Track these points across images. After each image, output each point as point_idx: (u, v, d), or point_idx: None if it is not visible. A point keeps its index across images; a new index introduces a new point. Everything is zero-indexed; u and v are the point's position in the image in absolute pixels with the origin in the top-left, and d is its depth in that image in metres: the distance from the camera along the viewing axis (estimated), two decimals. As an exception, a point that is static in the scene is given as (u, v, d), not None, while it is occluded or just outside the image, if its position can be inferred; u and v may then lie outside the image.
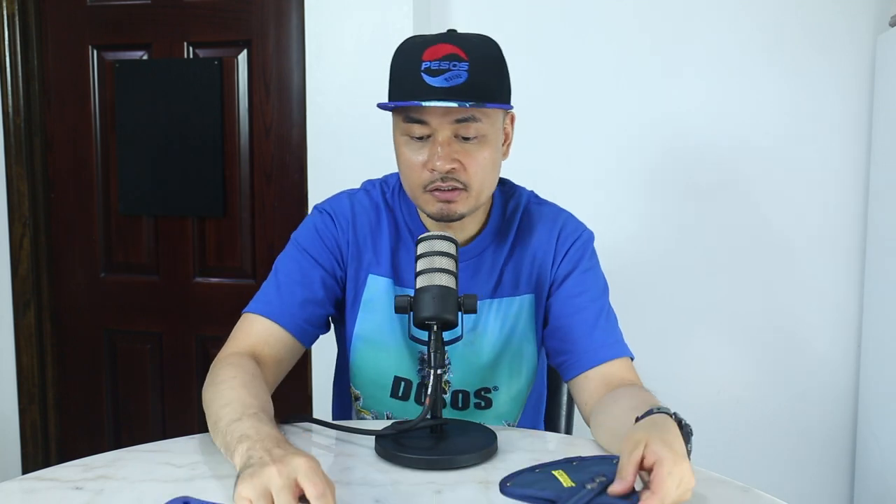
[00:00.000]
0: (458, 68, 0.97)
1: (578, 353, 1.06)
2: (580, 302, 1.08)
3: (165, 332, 2.17)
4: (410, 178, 1.04)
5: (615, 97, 1.95)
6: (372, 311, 1.10)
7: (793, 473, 1.95)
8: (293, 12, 2.00)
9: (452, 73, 0.97)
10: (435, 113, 0.99)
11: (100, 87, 2.15)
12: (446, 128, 0.99)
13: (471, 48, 0.99)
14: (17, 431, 2.21)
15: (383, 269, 1.10)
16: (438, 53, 0.98)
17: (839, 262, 1.90)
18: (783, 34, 1.88)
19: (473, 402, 1.10)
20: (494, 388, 1.11)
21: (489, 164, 1.03)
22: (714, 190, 1.93)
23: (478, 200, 1.04)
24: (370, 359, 1.11)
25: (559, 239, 1.12)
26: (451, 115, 0.99)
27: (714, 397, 1.97)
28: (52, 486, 0.85)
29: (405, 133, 1.02)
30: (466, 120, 0.99)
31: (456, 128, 1.00)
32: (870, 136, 1.86)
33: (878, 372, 1.78)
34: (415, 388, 1.10)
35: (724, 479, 0.87)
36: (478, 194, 1.03)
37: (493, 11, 1.98)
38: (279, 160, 2.06)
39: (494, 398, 1.11)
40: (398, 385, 1.10)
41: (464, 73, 0.97)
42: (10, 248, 2.17)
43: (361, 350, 1.11)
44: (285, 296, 1.06)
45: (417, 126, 1.00)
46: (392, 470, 0.88)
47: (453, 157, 1.00)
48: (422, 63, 0.98)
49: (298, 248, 1.11)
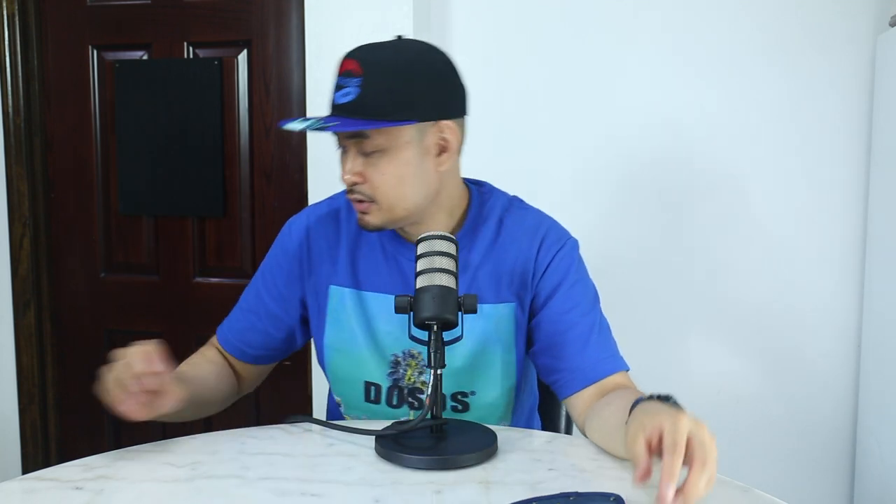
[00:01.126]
0: (351, 84, 0.98)
1: (572, 370, 1.05)
2: (571, 318, 1.06)
3: (165, 332, 2.17)
4: None
5: (615, 98, 1.95)
6: (337, 321, 1.11)
7: (793, 473, 1.95)
8: (293, 12, 2.00)
9: (345, 90, 0.98)
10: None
11: (100, 87, 2.15)
12: (347, 142, 1.01)
13: (372, 62, 0.98)
14: (17, 431, 2.21)
15: (342, 278, 1.11)
16: (342, 69, 1.00)
17: (839, 262, 1.90)
18: (783, 34, 1.88)
19: (450, 405, 1.10)
20: (472, 392, 1.10)
21: (393, 177, 1.01)
22: (714, 190, 1.93)
23: (391, 213, 1.03)
24: (342, 366, 1.12)
25: (541, 248, 1.09)
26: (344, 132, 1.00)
27: (714, 397, 1.97)
28: (52, 486, 0.85)
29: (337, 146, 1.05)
30: (357, 136, 0.99)
31: (356, 143, 1.00)
32: (870, 136, 1.86)
33: (878, 372, 1.78)
34: (385, 391, 1.11)
35: (724, 479, 0.87)
36: (390, 207, 1.02)
37: (493, 11, 1.98)
38: (279, 160, 2.06)
39: (472, 402, 1.10)
40: (369, 390, 1.11)
41: (354, 90, 0.97)
42: (10, 248, 2.17)
43: (334, 359, 1.12)
44: (233, 322, 1.19)
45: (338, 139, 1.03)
46: (392, 470, 0.88)
47: (355, 171, 1.01)
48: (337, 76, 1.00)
49: (260, 273, 1.18)
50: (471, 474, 0.87)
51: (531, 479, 0.86)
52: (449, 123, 1.03)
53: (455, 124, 1.04)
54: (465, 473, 0.87)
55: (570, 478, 0.87)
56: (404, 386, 1.10)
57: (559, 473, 0.88)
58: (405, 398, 1.10)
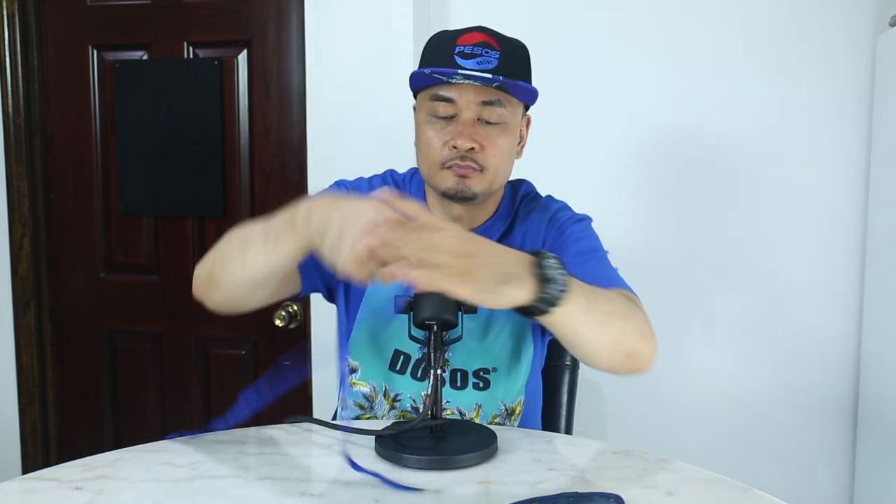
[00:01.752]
0: (490, 55, 1.02)
1: None
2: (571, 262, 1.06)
3: (165, 332, 2.17)
4: (430, 155, 1.07)
5: (615, 99, 1.95)
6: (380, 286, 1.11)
7: (793, 473, 1.95)
8: (293, 12, 2.00)
9: (484, 58, 1.02)
10: (464, 93, 1.03)
11: (100, 87, 2.15)
12: (472, 108, 1.03)
13: (503, 40, 1.06)
14: (17, 431, 2.21)
15: None
16: (472, 40, 1.03)
17: (839, 261, 1.90)
18: (782, 34, 1.88)
19: (472, 382, 1.11)
20: (493, 369, 1.11)
21: (506, 150, 1.07)
22: (714, 189, 1.93)
23: (492, 184, 1.07)
24: (373, 329, 1.12)
25: (551, 221, 1.14)
26: (479, 97, 1.03)
27: (715, 398, 1.97)
28: (52, 486, 0.85)
29: (430, 112, 1.06)
30: (492, 103, 1.03)
31: (480, 110, 1.03)
32: (870, 136, 1.86)
33: (879, 372, 1.78)
34: (412, 363, 1.11)
35: (724, 479, 0.87)
36: (492, 178, 1.06)
37: (493, 11, 1.98)
38: (279, 160, 2.06)
39: (493, 379, 1.11)
40: (397, 358, 1.11)
41: (495, 60, 1.02)
42: (10, 248, 2.17)
43: (366, 320, 1.12)
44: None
45: (443, 105, 1.04)
46: (392, 470, 0.88)
47: (475, 137, 1.03)
48: (456, 47, 1.03)
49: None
50: (471, 474, 0.87)
51: (531, 479, 0.86)
52: (528, 116, 1.14)
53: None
54: (465, 473, 0.87)
55: (570, 478, 0.87)
56: None
57: (559, 473, 0.88)
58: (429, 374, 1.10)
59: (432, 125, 1.05)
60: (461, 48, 1.02)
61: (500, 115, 1.04)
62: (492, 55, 1.02)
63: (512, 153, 1.09)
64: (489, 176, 1.05)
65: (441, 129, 1.05)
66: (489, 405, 1.11)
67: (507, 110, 1.05)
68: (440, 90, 1.04)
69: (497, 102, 1.04)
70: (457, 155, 1.03)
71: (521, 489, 0.82)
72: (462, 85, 1.02)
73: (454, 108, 1.04)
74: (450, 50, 1.03)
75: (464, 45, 1.02)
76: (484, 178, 1.05)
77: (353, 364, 1.15)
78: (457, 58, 1.02)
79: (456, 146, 1.03)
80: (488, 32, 1.06)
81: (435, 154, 1.05)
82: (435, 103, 1.05)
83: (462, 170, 1.04)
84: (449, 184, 1.06)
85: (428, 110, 1.06)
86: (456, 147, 1.03)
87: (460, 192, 1.05)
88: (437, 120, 1.05)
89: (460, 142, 1.02)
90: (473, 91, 1.02)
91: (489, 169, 1.05)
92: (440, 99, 1.04)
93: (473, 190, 1.05)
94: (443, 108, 1.04)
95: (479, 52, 1.02)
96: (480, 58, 1.02)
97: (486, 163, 1.04)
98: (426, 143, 1.06)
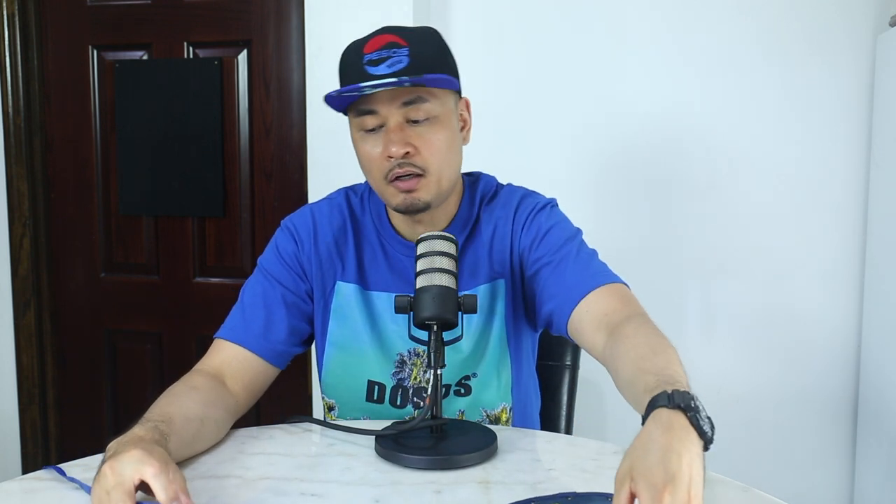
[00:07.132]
0: (399, 54, 0.99)
1: (557, 298, 1.03)
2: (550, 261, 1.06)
3: (165, 332, 2.17)
4: (372, 171, 1.05)
5: (614, 96, 1.95)
6: (342, 318, 1.11)
7: (793, 473, 1.95)
8: (293, 12, 2.00)
9: (393, 59, 0.99)
10: (382, 100, 1.00)
11: (100, 87, 2.15)
12: (395, 113, 1.01)
13: (409, 35, 1.02)
14: (17, 431, 2.21)
15: (350, 275, 1.11)
16: (378, 44, 1.00)
17: (839, 261, 1.90)
18: (782, 34, 1.88)
19: (453, 391, 1.10)
20: (473, 374, 1.10)
21: (445, 145, 1.03)
22: (714, 189, 1.93)
23: (439, 186, 1.04)
24: (344, 364, 1.11)
25: (516, 214, 1.11)
26: (398, 99, 1.00)
27: (714, 397, 1.97)
28: (52, 486, 0.85)
29: (360, 128, 1.04)
30: (414, 102, 1.00)
31: (405, 112, 1.01)
32: (870, 136, 1.86)
33: (879, 372, 1.78)
34: (388, 391, 1.10)
35: (724, 479, 0.87)
36: (438, 179, 1.03)
37: (493, 11, 1.98)
38: (279, 160, 2.06)
39: (474, 385, 1.10)
40: (372, 389, 1.11)
41: (405, 58, 0.99)
42: (10, 248, 2.17)
43: (335, 357, 1.12)
44: (249, 319, 1.09)
45: (369, 118, 1.02)
46: (392, 470, 0.88)
47: (406, 140, 1.01)
48: (364, 56, 1.00)
49: (262, 271, 1.14)
50: (471, 474, 0.87)
51: (531, 479, 0.86)
52: (465, 99, 1.10)
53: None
54: (465, 473, 0.87)
55: (570, 478, 0.87)
56: (409, 386, 1.10)
57: (559, 473, 0.88)
58: (409, 398, 1.10)
59: (366, 140, 1.04)
60: (368, 56, 1.00)
61: (426, 110, 1.01)
62: (400, 53, 0.99)
63: (453, 144, 1.05)
64: (433, 178, 1.03)
65: (374, 143, 1.03)
66: (472, 412, 1.11)
67: (432, 104, 1.01)
68: (360, 105, 1.02)
69: (419, 99, 1.00)
70: (395, 164, 1.01)
71: (521, 489, 0.82)
72: (377, 93, 0.99)
73: (380, 118, 1.01)
74: (359, 61, 1.00)
75: (370, 53, 1.00)
76: (429, 182, 1.03)
77: (330, 402, 1.15)
78: (366, 67, 0.99)
79: (391, 155, 1.00)
80: (393, 31, 1.02)
81: (376, 168, 1.03)
82: (361, 118, 1.03)
83: (406, 183, 1.02)
84: (398, 200, 1.04)
85: (357, 126, 1.04)
86: (391, 156, 1.01)
87: (411, 206, 1.03)
88: (369, 134, 1.03)
89: (393, 149, 1.00)
90: (389, 95, 0.99)
91: (431, 171, 1.02)
92: (363, 113, 1.02)
93: (423, 199, 1.03)
94: (370, 121, 1.02)
95: (386, 56, 0.99)
96: (390, 59, 0.99)
97: (425, 165, 1.02)
98: (366, 160, 1.05)
